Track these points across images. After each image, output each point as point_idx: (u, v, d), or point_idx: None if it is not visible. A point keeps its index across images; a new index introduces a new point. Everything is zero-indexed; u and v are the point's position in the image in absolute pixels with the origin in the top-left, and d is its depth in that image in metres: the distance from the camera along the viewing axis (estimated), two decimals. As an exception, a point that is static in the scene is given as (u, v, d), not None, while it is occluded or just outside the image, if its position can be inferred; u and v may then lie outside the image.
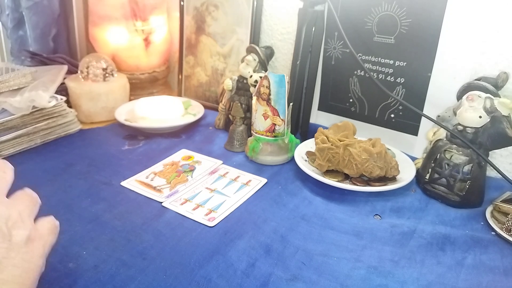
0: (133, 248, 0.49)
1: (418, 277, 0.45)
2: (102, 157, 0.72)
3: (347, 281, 0.45)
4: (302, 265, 0.47)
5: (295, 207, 0.58)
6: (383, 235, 0.53)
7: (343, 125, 0.69)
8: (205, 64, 0.96)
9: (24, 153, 0.72)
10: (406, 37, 0.69)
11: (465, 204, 0.59)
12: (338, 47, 0.77)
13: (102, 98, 0.85)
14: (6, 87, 0.75)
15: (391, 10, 0.69)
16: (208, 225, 0.53)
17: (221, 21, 0.91)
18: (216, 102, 0.95)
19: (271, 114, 0.68)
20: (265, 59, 0.80)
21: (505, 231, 0.52)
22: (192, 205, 0.58)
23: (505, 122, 0.55)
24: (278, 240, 0.51)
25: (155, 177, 0.65)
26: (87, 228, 0.52)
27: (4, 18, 1.04)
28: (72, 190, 0.61)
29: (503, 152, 0.67)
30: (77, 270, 0.45)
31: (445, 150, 0.60)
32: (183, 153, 0.74)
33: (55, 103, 0.76)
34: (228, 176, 0.66)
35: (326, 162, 0.63)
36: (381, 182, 0.62)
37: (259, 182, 0.64)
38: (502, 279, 0.45)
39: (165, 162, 0.71)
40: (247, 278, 0.44)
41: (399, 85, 0.72)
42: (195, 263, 0.46)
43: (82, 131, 0.82)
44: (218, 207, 0.58)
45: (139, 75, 0.98)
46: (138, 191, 0.61)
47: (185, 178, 0.65)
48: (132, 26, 0.93)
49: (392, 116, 0.74)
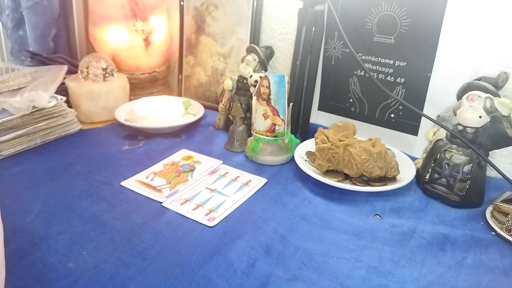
0: (133, 248, 0.49)
1: (418, 277, 0.45)
2: (102, 157, 0.72)
3: (347, 281, 0.45)
4: (302, 265, 0.47)
5: (295, 207, 0.58)
6: (383, 235, 0.53)
7: (343, 125, 0.69)
8: (205, 64, 0.96)
9: (24, 153, 0.72)
10: (406, 37, 0.69)
11: (465, 204, 0.59)
12: (338, 47, 0.77)
13: (102, 98, 0.85)
14: (6, 87, 0.75)
15: (391, 10, 0.69)
16: (208, 225, 0.53)
17: (221, 21, 0.91)
18: (216, 102, 0.95)
19: (271, 114, 0.68)
20: (265, 59, 0.80)
21: (505, 231, 0.52)
22: (192, 205, 0.58)
23: (505, 122, 0.55)
24: (278, 240, 0.51)
25: (155, 177, 0.65)
26: (87, 228, 0.52)
27: (4, 18, 1.04)
28: (72, 190, 0.61)
29: (503, 152, 0.67)
30: (77, 270, 0.45)
31: (445, 150, 0.60)
32: (183, 153, 0.74)
33: (55, 103, 0.76)
34: (228, 176, 0.66)
35: (326, 162, 0.63)
36: (381, 182, 0.62)
37: (259, 182, 0.64)
38: (502, 279, 0.45)
39: (165, 162, 0.71)
40: (247, 278, 0.44)
41: (399, 85, 0.72)
42: (195, 263, 0.46)
43: (82, 131, 0.82)
44: (218, 207, 0.58)
45: (139, 75, 0.98)
46: (138, 191, 0.61)
47: (185, 178, 0.65)
48: (132, 26, 0.93)
49: (392, 116, 0.74)
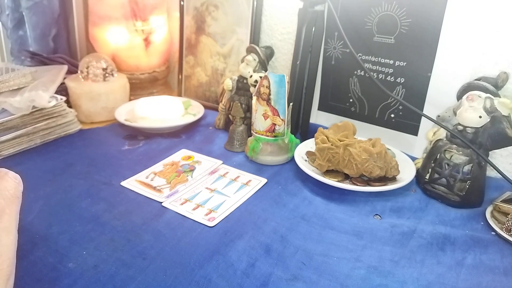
0: (133, 248, 0.49)
1: (418, 277, 0.45)
2: (102, 157, 0.72)
3: (347, 281, 0.45)
4: (302, 265, 0.47)
5: (295, 207, 0.58)
6: (383, 235, 0.52)
7: (343, 125, 0.69)
8: (205, 64, 0.96)
9: (24, 153, 0.72)
10: (406, 37, 0.69)
11: (465, 204, 0.59)
12: (338, 47, 0.77)
13: (102, 98, 0.85)
14: (6, 87, 0.75)
15: (391, 10, 0.69)
16: (208, 225, 0.53)
17: (221, 21, 0.91)
18: (216, 102, 0.95)
19: (271, 114, 0.68)
20: (265, 59, 0.80)
21: (505, 231, 0.52)
22: (192, 205, 0.58)
23: (505, 122, 0.55)
24: (278, 240, 0.51)
25: (155, 177, 0.65)
26: (87, 228, 0.52)
27: (4, 18, 1.04)
28: (72, 190, 0.61)
29: (503, 152, 0.67)
30: (77, 270, 0.45)
31: (445, 150, 0.60)
32: (183, 153, 0.74)
33: (55, 103, 0.76)
34: (228, 176, 0.66)
35: (326, 162, 0.63)
36: (381, 182, 0.62)
37: (259, 182, 0.64)
38: (502, 279, 0.45)
39: (165, 162, 0.71)
40: (247, 278, 0.44)
41: (399, 85, 0.72)
42: (195, 263, 0.46)
43: (82, 131, 0.81)
44: (218, 207, 0.58)
45: (139, 75, 0.98)
46: (138, 191, 0.61)
47: (185, 178, 0.65)
48: (132, 26, 0.93)
49: (392, 116, 0.74)
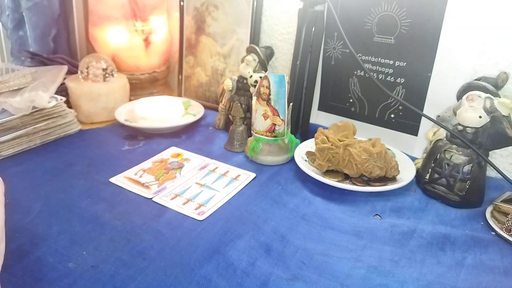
0: (133, 248, 0.49)
1: (418, 277, 0.45)
2: (102, 157, 0.72)
3: (347, 280, 0.45)
4: (302, 265, 0.47)
5: (295, 207, 0.58)
6: (383, 235, 0.52)
7: (343, 125, 0.69)
8: (205, 64, 0.96)
9: (23, 153, 0.72)
10: (406, 37, 0.69)
11: (465, 204, 0.59)
12: (338, 47, 0.77)
13: (102, 98, 0.85)
14: (6, 87, 0.75)
15: (391, 10, 0.69)
16: (197, 219, 0.54)
17: (221, 21, 0.91)
18: (216, 102, 0.95)
19: (271, 114, 0.68)
20: (265, 59, 0.80)
21: (505, 231, 0.52)
22: (182, 200, 0.59)
23: (505, 122, 0.55)
24: (278, 240, 0.51)
25: (144, 174, 0.66)
26: (87, 228, 0.52)
27: (4, 18, 1.04)
28: (72, 190, 0.61)
29: (503, 152, 0.67)
30: (77, 270, 0.45)
31: (445, 150, 0.60)
32: (172, 150, 0.75)
33: (55, 103, 0.76)
34: (217, 171, 0.67)
35: (326, 162, 0.63)
36: (381, 182, 0.62)
37: (248, 176, 0.65)
38: (502, 279, 0.45)
39: (154, 159, 0.71)
40: (247, 277, 0.44)
41: (399, 85, 0.72)
42: (195, 263, 0.46)
43: (82, 132, 0.81)
44: (208, 201, 0.59)
45: (139, 75, 0.98)
46: (126, 187, 0.62)
47: (174, 175, 0.66)
48: (132, 26, 0.93)
49: (392, 116, 0.74)
